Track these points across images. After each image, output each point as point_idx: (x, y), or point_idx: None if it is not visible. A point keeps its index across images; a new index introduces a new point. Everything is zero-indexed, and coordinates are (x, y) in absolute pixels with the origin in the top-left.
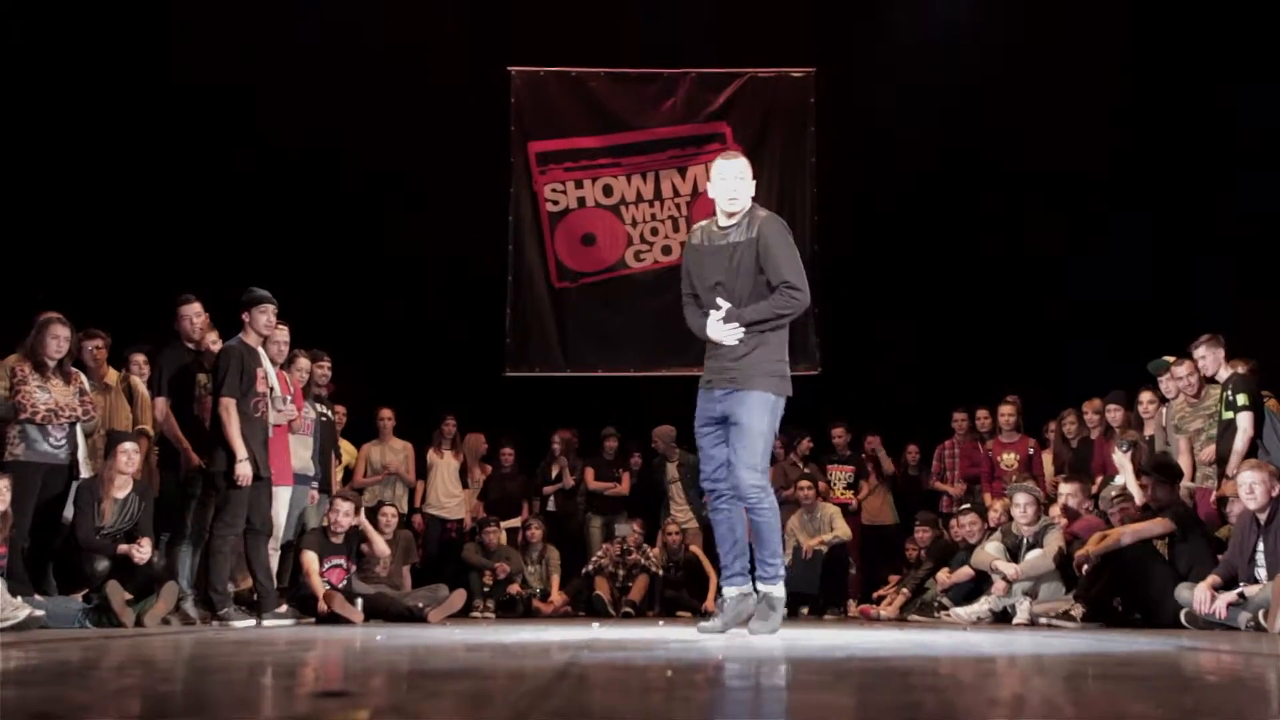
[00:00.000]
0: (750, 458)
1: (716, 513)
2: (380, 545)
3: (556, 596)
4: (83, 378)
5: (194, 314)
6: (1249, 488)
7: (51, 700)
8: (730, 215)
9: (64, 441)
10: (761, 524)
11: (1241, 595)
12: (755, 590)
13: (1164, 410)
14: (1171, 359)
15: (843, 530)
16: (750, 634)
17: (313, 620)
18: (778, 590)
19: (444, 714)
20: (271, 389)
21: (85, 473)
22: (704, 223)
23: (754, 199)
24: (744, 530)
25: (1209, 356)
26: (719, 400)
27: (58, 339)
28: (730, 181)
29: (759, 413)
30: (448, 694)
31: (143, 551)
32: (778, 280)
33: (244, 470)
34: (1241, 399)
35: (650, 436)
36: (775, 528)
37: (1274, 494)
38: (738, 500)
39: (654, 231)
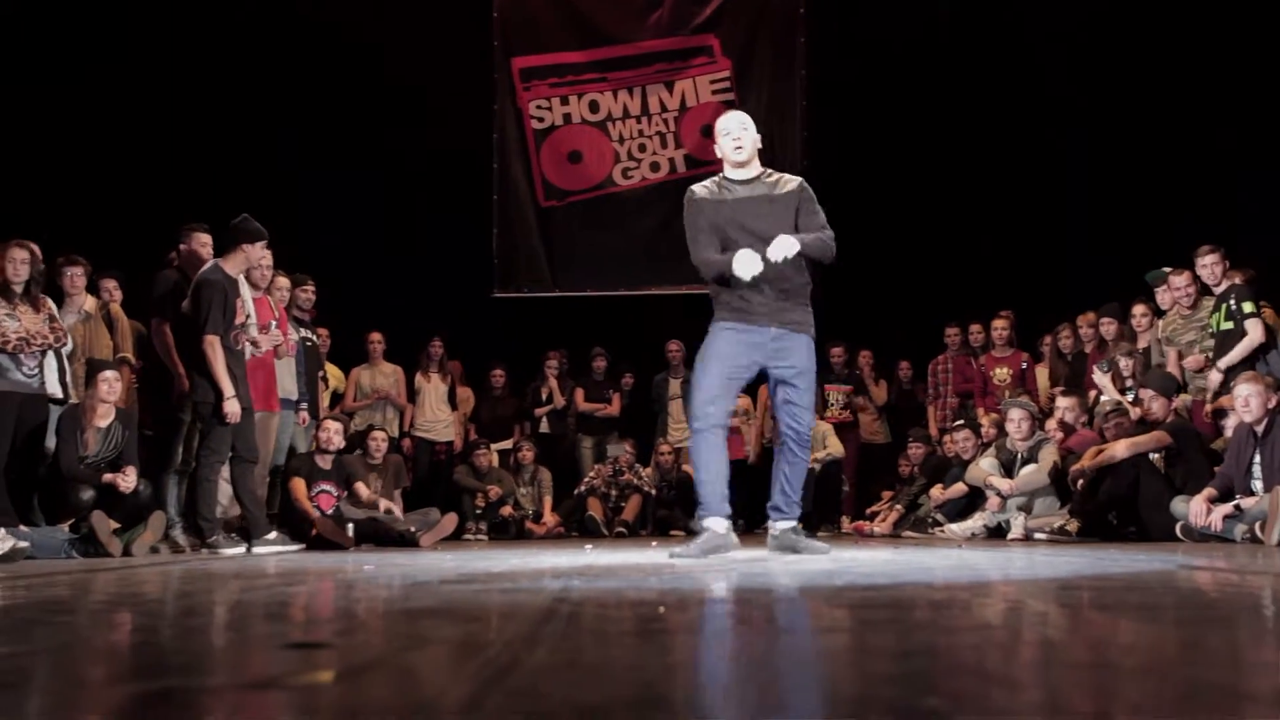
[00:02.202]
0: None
1: (709, 443)
2: (373, 498)
3: (549, 518)
4: (50, 303)
5: (210, 243)
6: (1244, 400)
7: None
8: (740, 165)
9: (36, 370)
10: (802, 466)
11: (1237, 508)
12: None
13: (1159, 322)
14: (1169, 270)
15: (835, 448)
16: (811, 554)
17: (303, 546)
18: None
19: (427, 667)
20: (248, 317)
21: (74, 398)
22: (707, 182)
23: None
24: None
25: (1217, 265)
26: (773, 339)
27: (15, 262)
28: (734, 133)
29: (812, 357)
30: (433, 642)
31: (128, 480)
32: (819, 226)
33: (232, 408)
34: (1248, 306)
35: (640, 356)
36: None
37: (1270, 406)
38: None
39: (641, 148)
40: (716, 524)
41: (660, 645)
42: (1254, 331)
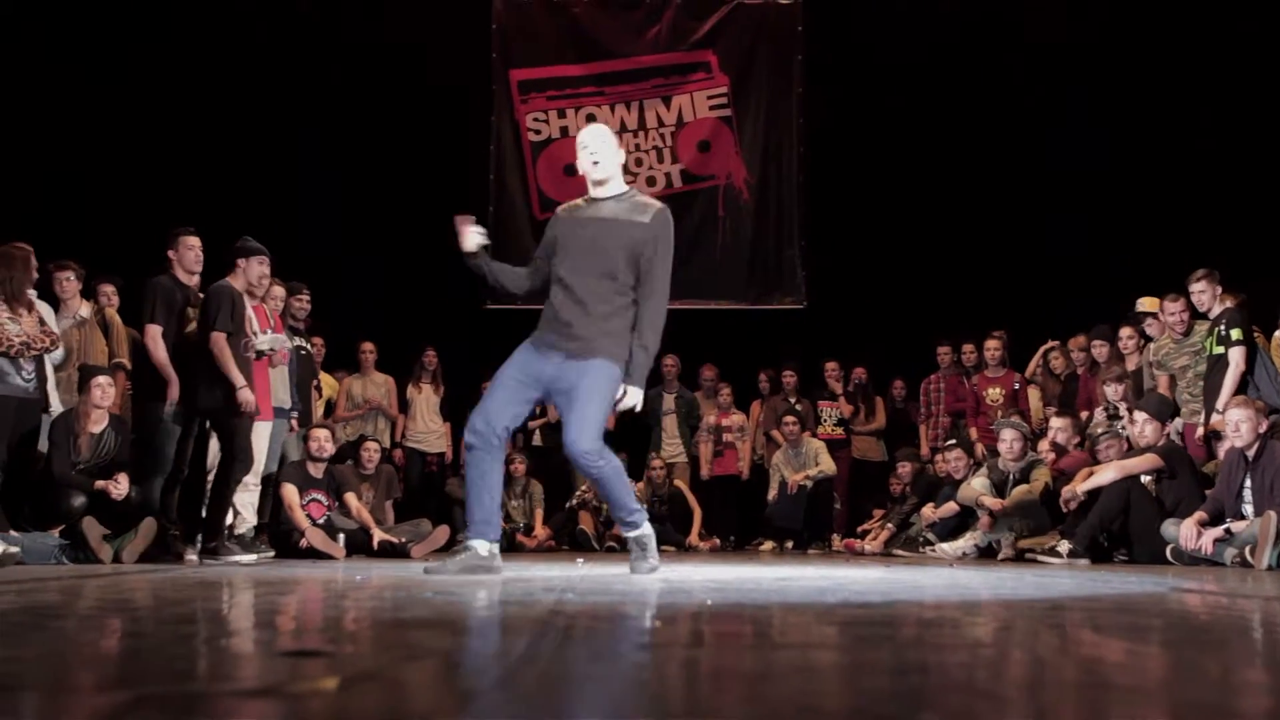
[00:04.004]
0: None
1: (486, 463)
2: (364, 516)
3: (540, 531)
4: (39, 308)
5: (198, 246)
6: (1235, 425)
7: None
8: (599, 184)
9: (34, 375)
10: (606, 481)
11: (1228, 531)
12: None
13: (1150, 346)
14: (1148, 304)
15: (828, 465)
16: (632, 573)
17: (272, 555)
18: (645, 530)
19: (423, 681)
20: (255, 333)
21: (57, 406)
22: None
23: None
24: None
25: (1206, 291)
26: (555, 365)
27: (32, 269)
28: (591, 146)
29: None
30: (428, 654)
31: (120, 487)
32: (651, 288)
33: (246, 396)
34: (1235, 333)
35: None
36: (619, 481)
37: (1260, 430)
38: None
39: (638, 162)
40: (482, 546)
41: (656, 660)
42: (1235, 360)
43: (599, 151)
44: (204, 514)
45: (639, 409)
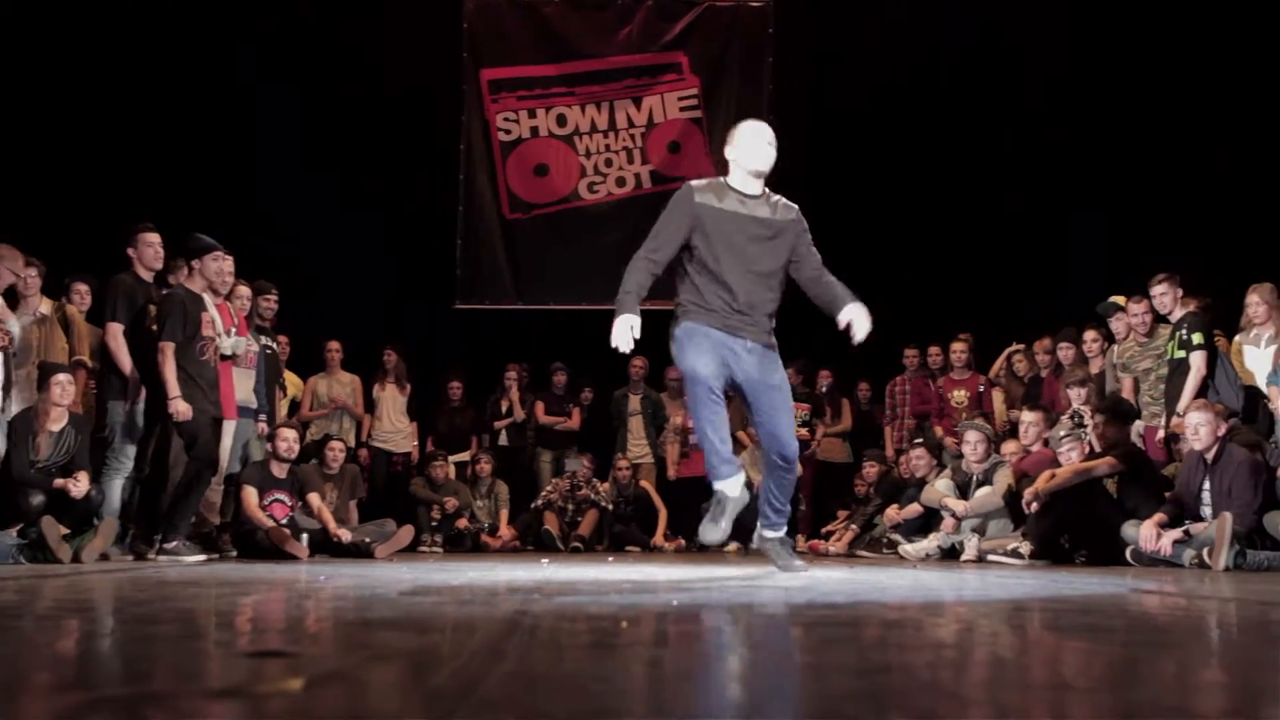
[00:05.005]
0: None
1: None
2: (325, 516)
3: (505, 531)
4: None
5: (157, 242)
6: (1194, 429)
7: None
8: (757, 176)
9: None
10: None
11: (1187, 533)
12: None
13: (1113, 349)
14: (1122, 299)
15: None
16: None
17: (216, 557)
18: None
19: (390, 682)
20: (219, 334)
21: (15, 406)
22: (709, 181)
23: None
24: None
25: (1168, 294)
26: (747, 350)
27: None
28: (765, 148)
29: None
30: (393, 655)
31: (79, 486)
32: (818, 265)
33: (179, 406)
34: (1196, 337)
35: (601, 371)
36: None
37: (1219, 434)
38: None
39: (608, 163)
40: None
41: (623, 661)
42: (1196, 364)
43: (770, 151)
44: (166, 514)
45: None
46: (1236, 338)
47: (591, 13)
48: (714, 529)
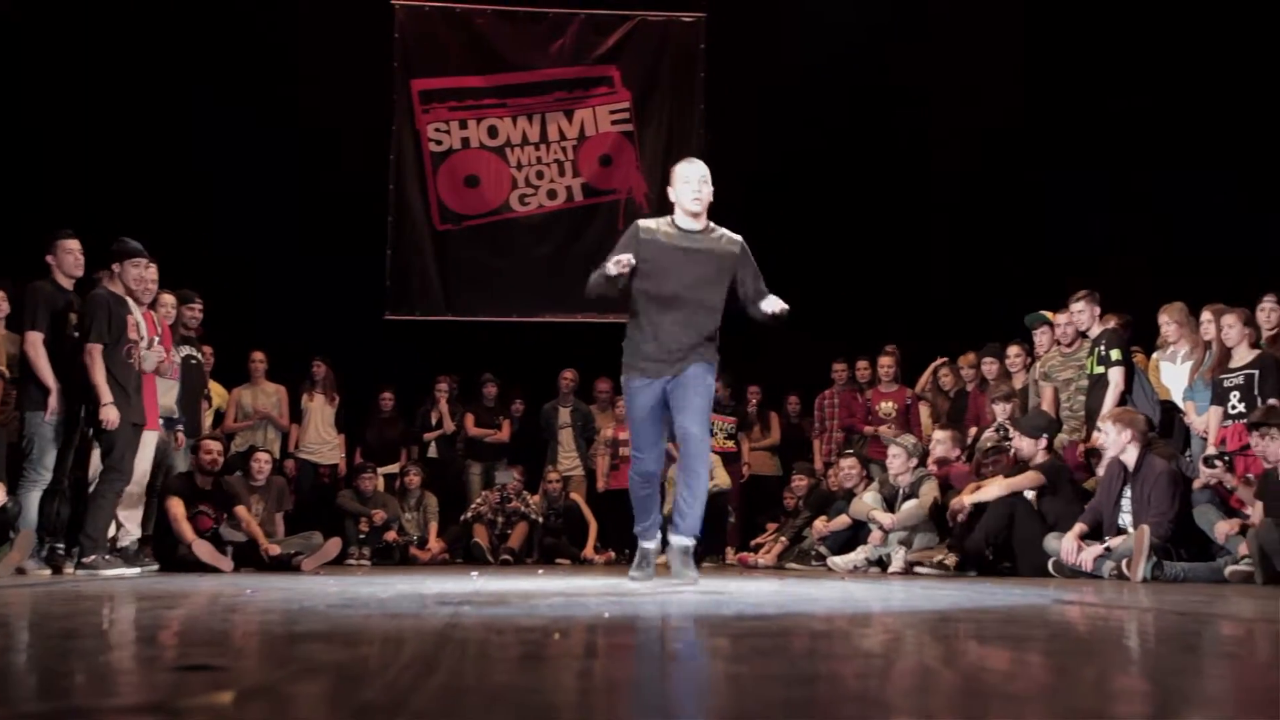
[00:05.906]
0: None
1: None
2: (253, 528)
3: (434, 544)
4: None
5: (77, 250)
6: (1112, 433)
7: None
8: (693, 216)
9: None
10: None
11: (1107, 549)
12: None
13: (1036, 364)
14: (1049, 314)
15: (722, 479)
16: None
17: (156, 568)
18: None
19: (318, 696)
20: (142, 337)
21: None
22: (656, 221)
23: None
24: None
25: (1085, 311)
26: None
27: None
28: (694, 184)
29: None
30: (322, 668)
31: None
32: (757, 289)
33: (109, 414)
34: (1114, 354)
35: (531, 383)
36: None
37: (1139, 443)
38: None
39: (539, 175)
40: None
41: (553, 672)
42: (1115, 380)
43: (701, 191)
44: (82, 526)
45: None
46: (1154, 354)
47: (524, 24)
48: (640, 574)
